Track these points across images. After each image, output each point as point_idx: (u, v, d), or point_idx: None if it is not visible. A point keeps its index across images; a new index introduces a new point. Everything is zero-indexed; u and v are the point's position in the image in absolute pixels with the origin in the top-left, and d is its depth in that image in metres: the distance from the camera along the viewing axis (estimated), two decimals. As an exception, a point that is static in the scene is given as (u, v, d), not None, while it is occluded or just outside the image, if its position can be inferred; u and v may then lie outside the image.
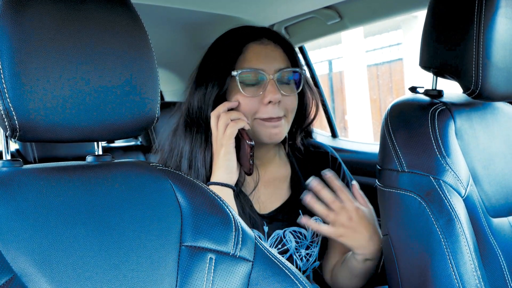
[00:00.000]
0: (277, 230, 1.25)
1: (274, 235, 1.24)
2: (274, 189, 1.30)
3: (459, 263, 0.96)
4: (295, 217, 1.25)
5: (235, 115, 1.17)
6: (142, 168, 0.85)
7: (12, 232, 0.70)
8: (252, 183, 1.26)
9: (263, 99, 1.18)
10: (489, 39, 1.00)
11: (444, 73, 1.10)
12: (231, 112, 1.18)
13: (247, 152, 1.16)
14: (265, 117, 1.19)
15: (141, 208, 0.79)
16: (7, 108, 0.70)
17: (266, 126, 1.19)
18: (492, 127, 1.14)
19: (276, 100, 1.17)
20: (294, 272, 0.83)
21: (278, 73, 1.20)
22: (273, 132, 1.20)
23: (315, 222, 1.17)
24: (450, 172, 1.02)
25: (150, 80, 0.80)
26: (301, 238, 1.27)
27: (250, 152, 1.15)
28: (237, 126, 1.15)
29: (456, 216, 0.98)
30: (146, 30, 0.81)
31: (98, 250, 0.73)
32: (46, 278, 0.69)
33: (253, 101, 1.19)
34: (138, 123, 0.80)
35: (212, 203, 0.85)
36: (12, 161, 0.78)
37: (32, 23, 0.71)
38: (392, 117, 1.12)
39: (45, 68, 0.71)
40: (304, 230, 1.27)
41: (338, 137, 2.30)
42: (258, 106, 1.19)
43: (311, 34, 1.90)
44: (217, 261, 0.80)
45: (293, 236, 1.26)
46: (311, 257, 1.30)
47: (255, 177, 1.27)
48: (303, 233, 1.27)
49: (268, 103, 1.18)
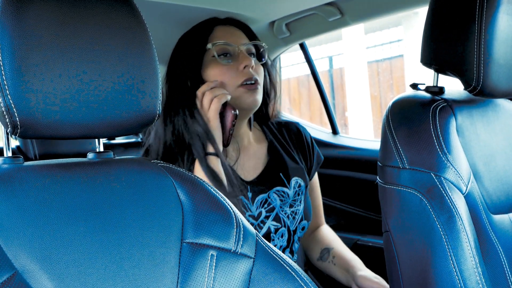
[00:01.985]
0: (261, 194, 1.35)
1: (259, 198, 1.35)
2: (253, 157, 1.42)
3: (460, 260, 0.96)
4: (276, 179, 1.39)
5: (217, 91, 1.28)
6: (143, 165, 0.85)
7: (13, 229, 0.70)
8: (234, 153, 1.38)
9: (239, 66, 1.31)
10: (491, 35, 1.00)
11: (445, 70, 1.10)
12: (214, 89, 1.29)
13: (229, 121, 1.29)
14: (243, 80, 1.31)
15: (142, 205, 0.79)
16: (8, 105, 0.70)
17: (246, 92, 1.31)
18: (493, 124, 1.13)
19: (250, 64, 1.31)
20: (295, 268, 0.83)
21: (245, 46, 1.35)
22: (252, 99, 1.32)
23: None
24: (451, 168, 1.02)
25: (151, 77, 0.80)
26: (284, 197, 1.37)
27: (233, 121, 1.29)
28: (221, 101, 1.27)
29: (457, 213, 0.98)
30: (147, 26, 0.81)
31: (100, 247, 0.73)
32: (47, 275, 0.69)
33: (231, 70, 1.32)
34: (139, 120, 0.80)
35: (213, 200, 0.85)
36: (13, 158, 0.78)
37: (33, 20, 0.71)
38: (393, 114, 1.11)
39: (46, 64, 0.71)
40: (287, 189, 1.38)
41: (338, 133, 2.29)
42: (235, 73, 1.31)
43: (312, 31, 1.90)
44: (219, 257, 0.80)
45: (277, 195, 1.37)
46: (297, 215, 1.40)
47: (236, 149, 1.38)
48: (285, 191, 1.38)
49: (244, 68, 1.31)
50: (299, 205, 1.41)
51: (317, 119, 5.75)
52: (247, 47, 1.36)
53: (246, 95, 1.32)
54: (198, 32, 1.39)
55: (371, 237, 1.93)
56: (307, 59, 2.20)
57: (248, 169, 1.39)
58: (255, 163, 1.41)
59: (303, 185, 1.43)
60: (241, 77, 1.31)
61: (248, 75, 1.32)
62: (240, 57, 1.33)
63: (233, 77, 1.32)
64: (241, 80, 1.31)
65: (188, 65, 1.35)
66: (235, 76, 1.32)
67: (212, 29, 1.38)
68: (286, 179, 1.40)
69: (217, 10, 1.73)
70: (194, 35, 1.39)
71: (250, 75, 1.32)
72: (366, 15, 1.72)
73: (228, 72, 1.32)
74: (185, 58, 1.36)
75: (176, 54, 1.40)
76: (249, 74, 1.32)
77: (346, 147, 2.14)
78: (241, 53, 1.34)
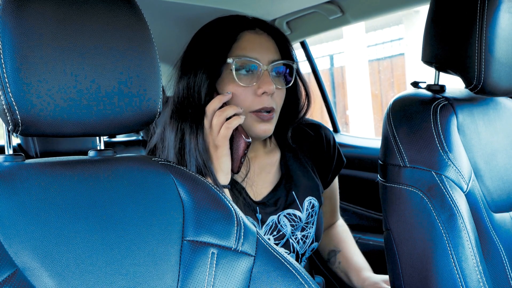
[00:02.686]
0: (271, 216, 1.23)
1: (269, 221, 1.23)
2: (265, 175, 1.28)
3: (461, 258, 0.96)
4: (288, 199, 1.25)
5: (230, 111, 1.12)
6: (144, 162, 0.85)
7: (14, 227, 0.70)
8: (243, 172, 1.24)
9: (257, 90, 1.15)
10: (492, 34, 1.00)
11: (446, 68, 1.10)
12: (226, 108, 1.12)
13: (241, 149, 1.14)
14: (258, 108, 1.16)
15: (143, 203, 0.80)
16: (9, 103, 0.70)
17: (258, 121, 1.17)
18: (494, 122, 1.13)
19: (271, 91, 1.15)
20: (296, 266, 0.83)
21: (272, 65, 1.17)
22: (264, 129, 1.18)
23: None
24: (452, 167, 1.02)
25: (152, 75, 0.80)
26: (296, 221, 1.25)
27: (245, 150, 1.13)
28: (232, 126, 1.11)
29: (458, 211, 0.98)
30: (148, 25, 0.81)
31: (100, 245, 0.73)
32: (48, 272, 0.69)
33: (247, 91, 1.15)
34: (140, 118, 0.80)
35: (214, 198, 0.85)
36: (14, 156, 0.78)
37: (34, 18, 0.71)
38: (394, 112, 1.11)
39: (47, 62, 0.71)
40: (299, 212, 1.26)
41: (339, 132, 2.29)
42: (252, 97, 1.16)
43: (312, 29, 1.90)
44: (219, 255, 0.80)
45: (287, 219, 1.25)
46: (308, 239, 1.28)
47: (246, 166, 1.25)
48: (297, 215, 1.26)
49: (262, 94, 1.15)
50: (311, 227, 1.29)
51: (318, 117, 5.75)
52: (273, 66, 1.18)
53: (257, 124, 1.17)
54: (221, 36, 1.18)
55: (372, 236, 1.93)
56: (308, 57, 2.20)
57: (258, 187, 1.26)
58: (266, 179, 1.28)
59: (317, 205, 1.30)
60: (257, 103, 1.15)
61: (266, 105, 1.16)
62: (262, 79, 1.15)
63: (247, 101, 1.16)
64: (256, 107, 1.16)
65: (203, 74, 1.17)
66: (250, 100, 1.16)
67: (237, 36, 1.18)
68: (298, 199, 1.27)
69: (218, 8, 1.73)
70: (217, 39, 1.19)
71: (267, 105, 1.16)
72: (367, 14, 1.71)
73: (243, 93, 1.15)
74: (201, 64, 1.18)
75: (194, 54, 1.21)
76: (266, 103, 1.16)
77: (347, 145, 2.14)
78: (264, 75, 1.16)
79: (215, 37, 1.19)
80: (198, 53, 1.20)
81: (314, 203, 1.29)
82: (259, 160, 1.28)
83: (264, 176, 1.28)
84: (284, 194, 1.26)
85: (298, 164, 1.31)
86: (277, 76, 1.20)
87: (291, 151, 1.32)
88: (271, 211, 1.24)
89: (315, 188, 1.31)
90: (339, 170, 1.41)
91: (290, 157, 1.31)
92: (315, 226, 1.30)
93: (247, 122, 1.17)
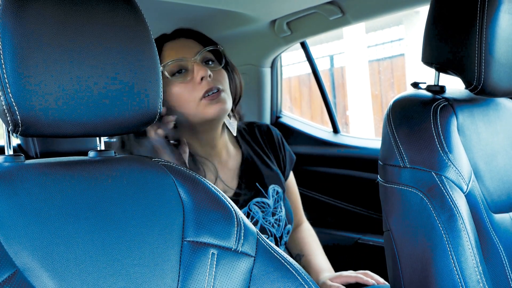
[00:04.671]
0: (242, 208, 1.32)
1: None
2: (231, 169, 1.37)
3: (460, 259, 0.96)
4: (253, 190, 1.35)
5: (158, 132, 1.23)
6: (144, 163, 0.85)
7: (14, 227, 0.70)
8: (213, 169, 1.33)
9: (195, 80, 1.25)
10: (492, 34, 1.00)
11: (446, 68, 1.10)
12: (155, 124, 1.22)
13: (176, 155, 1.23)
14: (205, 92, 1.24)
15: (143, 204, 0.80)
16: (9, 103, 0.70)
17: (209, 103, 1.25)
18: (494, 123, 1.13)
19: (206, 74, 1.24)
20: (296, 267, 0.83)
21: (198, 55, 1.28)
22: (218, 108, 1.25)
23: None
24: (452, 168, 1.02)
25: (152, 75, 0.80)
26: (265, 207, 1.34)
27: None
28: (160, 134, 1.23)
29: (458, 212, 0.98)
30: (148, 25, 0.81)
31: (100, 245, 0.73)
32: (48, 273, 0.69)
33: (189, 86, 1.26)
34: (140, 118, 0.80)
35: (214, 199, 0.85)
36: (14, 156, 0.78)
37: (34, 19, 0.71)
38: (394, 113, 1.11)
39: (47, 63, 0.71)
40: (266, 199, 1.35)
41: (339, 132, 2.29)
42: (194, 87, 1.25)
43: (313, 30, 1.90)
44: (219, 256, 0.80)
45: (257, 207, 1.33)
46: (281, 222, 1.37)
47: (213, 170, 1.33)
48: (265, 202, 1.35)
49: (201, 81, 1.25)
50: (281, 211, 1.38)
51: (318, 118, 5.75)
52: (201, 56, 1.29)
53: (209, 106, 1.25)
54: None
55: (372, 236, 1.93)
56: (308, 58, 2.20)
57: (227, 183, 1.35)
58: (232, 175, 1.37)
59: (281, 191, 1.41)
60: (200, 90, 1.25)
61: (207, 86, 1.25)
62: (195, 70, 1.26)
63: (192, 92, 1.25)
64: (201, 93, 1.25)
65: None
66: (194, 91, 1.25)
67: (161, 49, 1.31)
68: (263, 188, 1.37)
69: (219, 9, 1.73)
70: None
71: (209, 86, 1.25)
72: (367, 14, 1.72)
73: (185, 88, 1.26)
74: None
75: None
76: (208, 85, 1.25)
77: (347, 146, 2.14)
78: (195, 65, 1.27)
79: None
80: None
81: (277, 190, 1.40)
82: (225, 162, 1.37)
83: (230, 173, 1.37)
84: (250, 186, 1.36)
85: (257, 157, 1.41)
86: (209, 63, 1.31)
87: (250, 147, 1.43)
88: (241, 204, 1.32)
89: (276, 177, 1.42)
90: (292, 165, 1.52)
91: (250, 152, 1.42)
92: (284, 209, 1.39)
93: (200, 110, 1.25)
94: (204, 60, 1.30)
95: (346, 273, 1.34)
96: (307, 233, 1.55)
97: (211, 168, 1.33)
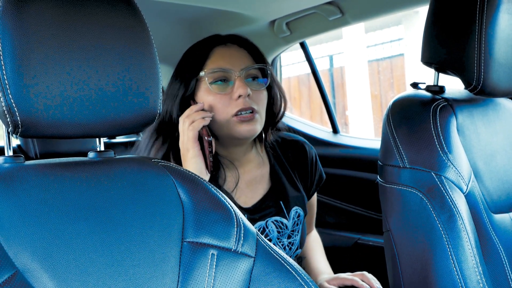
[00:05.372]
0: (259, 222, 1.29)
1: (256, 226, 1.28)
2: (255, 186, 1.34)
3: (460, 259, 0.96)
4: (275, 207, 1.32)
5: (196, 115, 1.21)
6: (144, 164, 0.85)
7: (14, 228, 0.70)
8: (233, 179, 1.31)
9: (232, 95, 1.23)
10: (491, 35, 1.00)
11: (445, 69, 1.10)
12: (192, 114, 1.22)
13: (205, 148, 1.21)
14: (237, 111, 1.23)
15: (143, 204, 0.80)
16: (9, 104, 0.70)
17: (240, 123, 1.24)
18: (494, 123, 1.14)
19: (245, 94, 1.22)
20: (295, 267, 0.83)
21: (244, 71, 1.25)
22: (247, 129, 1.24)
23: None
24: (451, 168, 1.02)
25: (152, 76, 0.80)
26: (282, 228, 1.31)
27: (209, 148, 1.20)
28: (196, 127, 1.20)
29: (458, 212, 0.98)
30: (147, 26, 0.81)
31: (100, 246, 0.73)
32: (48, 274, 0.69)
33: (224, 99, 1.24)
34: (140, 119, 0.80)
35: (213, 199, 0.85)
36: (14, 157, 0.78)
37: (34, 20, 0.71)
38: (394, 113, 1.11)
39: (47, 64, 0.71)
40: (285, 220, 1.32)
41: (339, 132, 2.29)
42: (229, 102, 1.24)
43: (312, 30, 1.90)
44: (219, 257, 0.80)
45: (275, 226, 1.31)
46: (293, 246, 1.35)
47: (235, 176, 1.31)
48: (284, 222, 1.32)
49: (238, 98, 1.23)
50: (297, 235, 1.36)
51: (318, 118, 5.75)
52: (246, 72, 1.26)
53: (239, 125, 1.24)
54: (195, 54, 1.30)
55: (372, 236, 1.93)
56: (308, 58, 2.20)
57: (248, 195, 1.32)
58: (255, 189, 1.34)
59: (302, 214, 1.37)
60: (234, 107, 1.23)
61: (242, 105, 1.23)
62: (236, 85, 1.24)
63: (226, 107, 1.24)
64: (234, 110, 1.23)
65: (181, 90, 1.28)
66: (228, 106, 1.24)
67: (210, 52, 1.28)
68: (286, 208, 1.34)
69: (218, 10, 1.73)
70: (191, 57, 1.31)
71: (244, 105, 1.23)
72: (367, 14, 1.72)
73: (221, 101, 1.24)
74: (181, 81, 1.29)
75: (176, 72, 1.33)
76: (244, 104, 1.23)
77: (346, 146, 2.14)
78: (238, 80, 1.24)
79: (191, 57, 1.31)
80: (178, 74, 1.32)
81: (300, 212, 1.36)
82: (248, 172, 1.35)
83: (254, 187, 1.34)
84: (273, 203, 1.33)
85: (286, 176, 1.38)
86: (252, 80, 1.28)
87: (280, 164, 1.39)
88: (259, 217, 1.30)
89: (301, 199, 1.38)
90: (320, 185, 1.48)
91: (279, 169, 1.38)
92: (300, 233, 1.36)
93: (229, 126, 1.24)
94: (249, 76, 1.27)
95: (343, 275, 1.34)
96: (313, 238, 1.55)
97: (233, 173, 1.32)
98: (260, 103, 1.27)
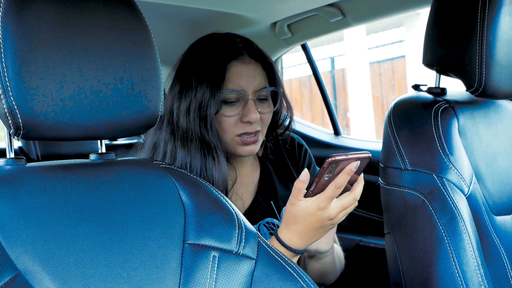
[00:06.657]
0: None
1: None
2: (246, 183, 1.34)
3: (462, 261, 0.96)
4: (266, 209, 1.31)
5: (347, 203, 1.02)
6: (145, 166, 0.85)
7: (16, 230, 0.70)
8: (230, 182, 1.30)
9: (242, 118, 1.22)
10: (493, 37, 1.00)
11: (447, 71, 1.10)
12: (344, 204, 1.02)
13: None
14: (243, 132, 1.23)
15: (144, 206, 0.79)
16: (10, 106, 0.70)
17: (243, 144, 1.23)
18: (496, 125, 1.13)
19: (254, 121, 1.22)
20: (297, 269, 0.83)
21: (257, 93, 1.23)
22: (248, 150, 1.24)
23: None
24: (453, 170, 1.02)
25: (153, 78, 0.80)
26: (274, 229, 1.30)
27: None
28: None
29: (459, 214, 0.98)
30: (149, 28, 0.81)
31: (102, 248, 0.73)
32: (50, 276, 0.69)
33: (232, 119, 1.23)
34: (141, 121, 0.80)
35: (215, 201, 0.85)
36: (16, 159, 0.78)
37: (35, 22, 0.71)
38: (395, 115, 1.11)
39: (48, 66, 0.71)
40: (277, 221, 1.31)
41: (340, 134, 2.29)
42: (237, 123, 1.23)
43: (313, 32, 1.90)
44: (221, 259, 0.80)
45: (266, 228, 1.30)
46: None
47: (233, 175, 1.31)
48: (275, 223, 1.31)
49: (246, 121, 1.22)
50: None
51: (319, 120, 5.75)
52: (259, 94, 1.24)
53: (241, 146, 1.24)
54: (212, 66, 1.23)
55: (373, 238, 1.93)
56: (309, 60, 2.20)
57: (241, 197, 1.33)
58: (247, 190, 1.35)
59: None
60: (240, 129, 1.22)
61: (249, 129, 1.23)
62: (247, 108, 1.22)
63: (231, 126, 1.23)
64: (239, 132, 1.22)
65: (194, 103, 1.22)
66: (234, 126, 1.23)
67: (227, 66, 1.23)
68: (277, 209, 1.33)
69: (219, 12, 1.73)
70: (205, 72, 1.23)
71: (250, 129, 1.23)
72: (368, 16, 1.72)
73: (230, 120, 1.23)
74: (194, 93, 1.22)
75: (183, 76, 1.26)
76: (250, 128, 1.23)
77: (348, 148, 2.13)
78: (250, 104, 1.22)
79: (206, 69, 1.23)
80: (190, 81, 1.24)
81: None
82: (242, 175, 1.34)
83: (246, 188, 1.34)
84: (264, 204, 1.32)
85: (278, 176, 1.37)
86: (264, 100, 1.26)
87: (271, 164, 1.39)
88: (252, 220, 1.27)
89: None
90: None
91: (270, 169, 1.38)
92: None
93: (232, 144, 1.24)
94: (261, 97, 1.26)
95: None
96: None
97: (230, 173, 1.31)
98: (264, 123, 1.27)
